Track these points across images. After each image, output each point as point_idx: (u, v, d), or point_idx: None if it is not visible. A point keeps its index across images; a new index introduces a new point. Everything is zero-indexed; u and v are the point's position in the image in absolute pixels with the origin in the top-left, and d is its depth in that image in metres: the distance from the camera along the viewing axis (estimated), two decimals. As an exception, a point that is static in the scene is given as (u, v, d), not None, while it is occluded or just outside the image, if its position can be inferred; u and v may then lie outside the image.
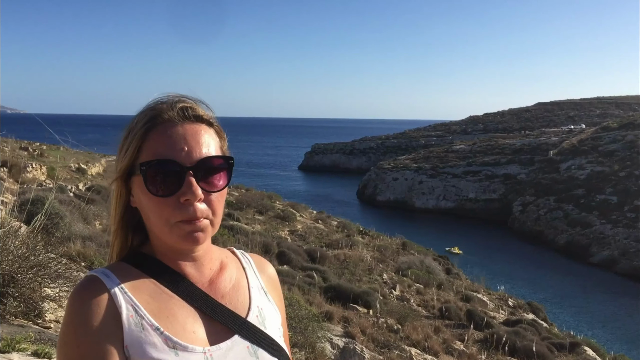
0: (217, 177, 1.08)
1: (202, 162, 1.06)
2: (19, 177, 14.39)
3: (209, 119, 1.12)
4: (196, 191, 1.04)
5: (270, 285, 1.28)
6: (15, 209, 5.94)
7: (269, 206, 24.99)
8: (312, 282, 12.79)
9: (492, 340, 11.99)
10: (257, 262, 1.30)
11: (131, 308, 1.04)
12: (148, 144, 1.07)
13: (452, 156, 70.20)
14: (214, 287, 1.15)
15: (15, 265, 4.03)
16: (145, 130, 1.07)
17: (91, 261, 6.83)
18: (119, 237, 1.16)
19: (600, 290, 35.13)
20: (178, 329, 1.05)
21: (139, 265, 1.12)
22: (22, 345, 3.45)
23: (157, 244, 1.12)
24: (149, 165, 1.04)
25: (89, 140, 37.15)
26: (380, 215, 58.91)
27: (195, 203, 1.04)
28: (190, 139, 1.07)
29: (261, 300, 1.21)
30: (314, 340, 7.36)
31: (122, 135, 1.12)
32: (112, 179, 1.14)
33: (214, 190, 1.08)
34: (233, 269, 1.22)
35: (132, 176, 1.09)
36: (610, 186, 51.07)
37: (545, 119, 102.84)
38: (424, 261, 20.66)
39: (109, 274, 1.07)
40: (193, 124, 1.09)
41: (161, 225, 1.06)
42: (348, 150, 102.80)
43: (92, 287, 1.04)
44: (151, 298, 1.07)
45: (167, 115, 1.08)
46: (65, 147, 33.79)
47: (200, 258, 1.14)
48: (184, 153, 1.05)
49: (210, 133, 1.11)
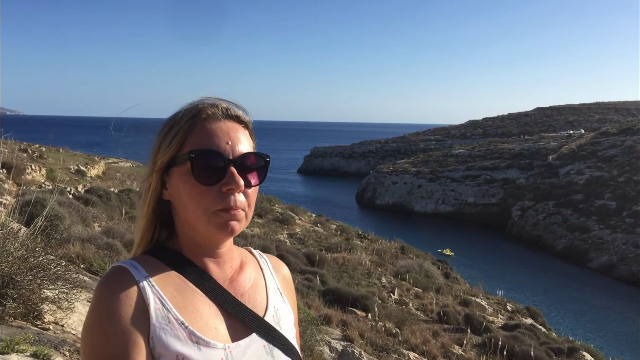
0: (253, 173, 1.14)
1: (243, 157, 1.12)
2: (18, 179, 14.38)
3: (246, 121, 1.19)
4: (239, 182, 1.09)
5: (285, 285, 1.32)
6: (16, 211, 5.94)
7: (268, 209, 24.99)
8: (311, 286, 12.79)
9: (491, 344, 11.98)
10: (273, 263, 1.34)
11: (158, 301, 1.06)
12: (193, 137, 1.12)
13: (451, 160, 70.23)
14: (234, 285, 1.19)
15: (14, 266, 4.04)
16: (190, 124, 1.13)
17: (90, 263, 6.84)
18: (148, 231, 1.19)
19: (598, 296, 35.10)
20: (202, 324, 1.08)
21: (164, 258, 1.15)
22: (21, 346, 3.46)
23: (184, 239, 1.16)
24: (197, 153, 1.09)
25: (88, 142, 37.21)
26: (379, 219, 58.87)
27: (235, 193, 1.10)
28: (232, 134, 1.13)
29: (277, 301, 1.26)
30: (313, 343, 7.36)
31: (162, 130, 1.16)
32: (148, 173, 1.17)
33: (252, 184, 1.14)
34: (252, 269, 1.26)
35: (173, 167, 1.13)
36: (609, 191, 51.07)
37: (545, 124, 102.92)
38: (422, 265, 20.66)
39: (137, 266, 1.10)
40: (234, 123, 1.16)
41: (200, 214, 1.09)
42: (347, 154, 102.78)
43: (120, 278, 1.06)
44: (177, 292, 1.10)
45: (210, 111, 1.14)
46: (64, 149, 33.78)
47: (223, 255, 1.18)
48: (228, 147, 1.11)
49: (246, 134, 1.18)
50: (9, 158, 16.04)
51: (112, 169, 34.19)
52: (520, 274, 38.84)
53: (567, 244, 46.59)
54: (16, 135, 14.65)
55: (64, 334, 4.31)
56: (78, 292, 4.66)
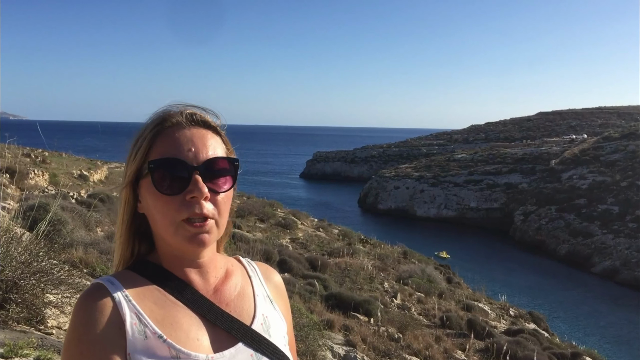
0: (222, 179, 1.11)
1: (208, 163, 1.09)
2: (21, 183, 14.42)
3: (216, 126, 1.16)
4: (202, 189, 1.06)
5: (277, 293, 1.29)
6: (19, 215, 5.96)
7: (270, 214, 24.97)
8: (313, 290, 12.77)
9: (493, 349, 11.95)
10: (264, 270, 1.31)
11: (135, 316, 1.04)
12: (156, 146, 1.10)
13: (453, 165, 70.21)
14: (218, 294, 1.16)
15: (18, 271, 4.05)
16: (154, 133, 1.10)
17: (93, 267, 6.85)
18: (125, 245, 1.17)
19: (601, 301, 35.01)
20: (182, 336, 1.06)
21: (144, 272, 1.13)
22: (25, 351, 3.47)
23: (163, 252, 1.14)
24: (156, 163, 1.07)
25: (90, 147, 37.29)
26: (382, 223, 58.83)
27: (202, 201, 1.06)
28: (197, 141, 1.10)
29: (266, 308, 1.22)
30: (315, 348, 7.35)
31: (131, 142, 1.14)
32: (121, 185, 1.15)
33: (220, 190, 1.10)
34: (238, 277, 1.23)
35: (140, 179, 1.11)
36: (612, 196, 51.01)
37: (547, 129, 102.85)
38: (425, 270, 20.62)
39: (114, 282, 1.08)
40: (200, 129, 1.12)
41: (167, 225, 1.07)
42: (350, 159, 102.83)
43: (97, 294, 1.05)
44: (155, 306, 1.08)
45: (175, 119, 1.11)
46: (67, 154, 33.86)
47: (205, 265, 1.15)
48: (191, 153, 1.08)
49: (216, 139, 1.14)
50: (12, 163, 16.08)
51: (115, 173, 34.21)
52: (523, 279, 38.76)
53: (570, 248, 46.51)
54: (19, 140, 14.66)
55: (67, 339, 4.30)
56: (81, 297, 4.66)
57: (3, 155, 17.00)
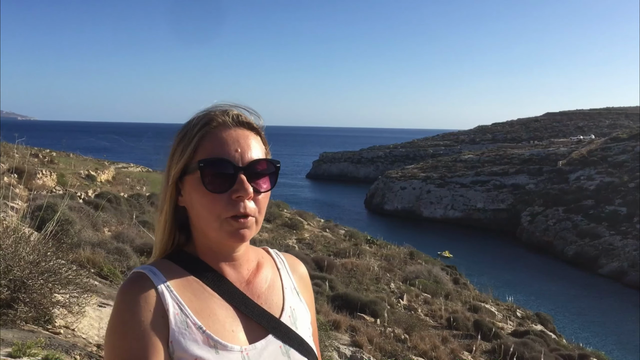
0: (264, 179, 1.16)
1: (253, 164, 1.14)
2: (29, 183, 14.50)
3: (257, 127, 1.21)
4: (248, 189, 1.11)
5: (302, 284, 1.34)
6: (27, 215, 5.99)
7: (276, 214, 25.00)
8: (320, 291, 12.78)
9: (500, 351, 11.91)
10: (290, 262, 1.36)
11: (177, 306, 1.10)
12: (204, 145, 1.14)
13: (460, 166, 70.00)
14: (251, 287, 1.22)
15: (26, 271, 4.07)
16: (202, 133, 1.15)
17: (100, 267, 6.88)
18: (168, 236, 1.22)
19: (609, 302, 34.82)
20: (219, 327, 1.11)
21: (182, 263, 1.18)
22: (33, 350, 3.49)
23: (200, 244, 1.19)
24: (206, 162, 1.12)
25: (98, 147, 37.46)
26: (388, 224, 58.74)
27: (245, 200, 1.12)
28: (242, 142, 1.15)
29: (293, 301, 1.27)
30: (322, 348, 7.36)
31: (176, 138, 1.19)
32: (165, 182, 1.19)
33: (262, 190, 1.16)
34: (269, 270, 1.28)
35: (185, 175, 1.16)
36: (620, 197, 50.71)
37: (554, 129, 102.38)
38: (431, 271, 20.59)
39: (156, 272, 1.13)
40: (244, 130, 1.17)
41: (212, 221, 1.12)
42: (356, 159, 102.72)
43: (140, 283, 1.10)
44: (194, 296, 1.13)
45: (221, 119, 1.16)
46: (75, 154, 34.01)
47: (239, 258, 1.21)
48: (237, 154, 1.13)
49: (257, 140, 1.19)
50: (20, 163, 16.17)
51: (122, 174, 34.36)
52: (530, 280, 38.61)
53: (577, 250, 46.27)
54: (28, 141, 14.73)
55: (75, 338, 4.33)
56: (89, 297, 4.69)
57: (11, 156, 17.10)
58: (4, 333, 3.73)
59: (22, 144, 19.55)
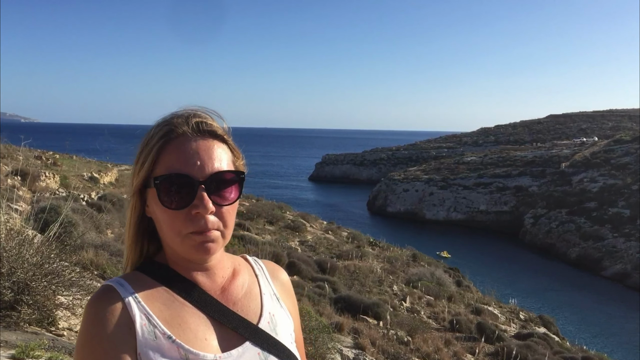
0: (228, 191, 1.11)
1: (214, 176, 1.09)
2: (32, 186, 14.53)
3: (222, 134, 1.15)
4: (207, 204, 1.07)
5: (283, 291, 1.30)
6: (31, 217, 6.00)
7: (279, 216, 25.01)
8: (322, 293, 12.78)
9: (503, 353, 11.88)
10: (270, 268, 1.32)
11: (144, 317, 1.07)
12: (163, 158, 1.10)
13: (463, 168, 69.95)
14: (225, 294, 1.18)
15: (29, 273, 4.08)
16: (160, 144, 1.11)
17: (103, 269, 6.89)
18: (134, 247, 1.19)
19: (612, 304, 34.74)
20: (190, 336, 1.08)
21: (152, 274, 1.15)
22: (36, 352, 3.49)
23: (170, 253, 1.16)
24: (162, 179, 1.08)
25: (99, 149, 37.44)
26: (391, 226, 58.69)
27: (207, 215, 1.08)
28: (203, 153, 1.10)
29: (273, 307, 1.23)
30: (324, 351, 7.35)
31: (138, 149, 1.15)
32: (129, 192, 1.17)
33: (225, 203, 1.11)
34: (245, 276, 1.24)
35: (148, 188, 1.13)
36: (623, 199, 50.63)
37: (557, 131, 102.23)
38: (434, 273, 20.57)
39: (124, 283, 1.11)
40: (206, 140, 1.12)
41: (173, 237, 1.09)
42: (358, 161, 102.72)
43: (107, 296, 1.08)
44: (164, 306, 1.10)
45: (181, 129, 1.11)
46: (78, 157, 34.08)
47: (212, 267, 1.17)
48: (197, 167, 1.08)
49: (223, 148, 1.14)
50: (23, 165, 16.22)
51: (125, 175, 34.35)
52: (533, 283, 38.55)
53: (580, 252, 46.20)
54: (32, 143, 14.77)
55: (78, 340, 4.33)
56: (92, 299, 4.68)
57: (15, 158, 17.14)
58: (7, 335, 3.74)
59: (27, 146, 19.63)
